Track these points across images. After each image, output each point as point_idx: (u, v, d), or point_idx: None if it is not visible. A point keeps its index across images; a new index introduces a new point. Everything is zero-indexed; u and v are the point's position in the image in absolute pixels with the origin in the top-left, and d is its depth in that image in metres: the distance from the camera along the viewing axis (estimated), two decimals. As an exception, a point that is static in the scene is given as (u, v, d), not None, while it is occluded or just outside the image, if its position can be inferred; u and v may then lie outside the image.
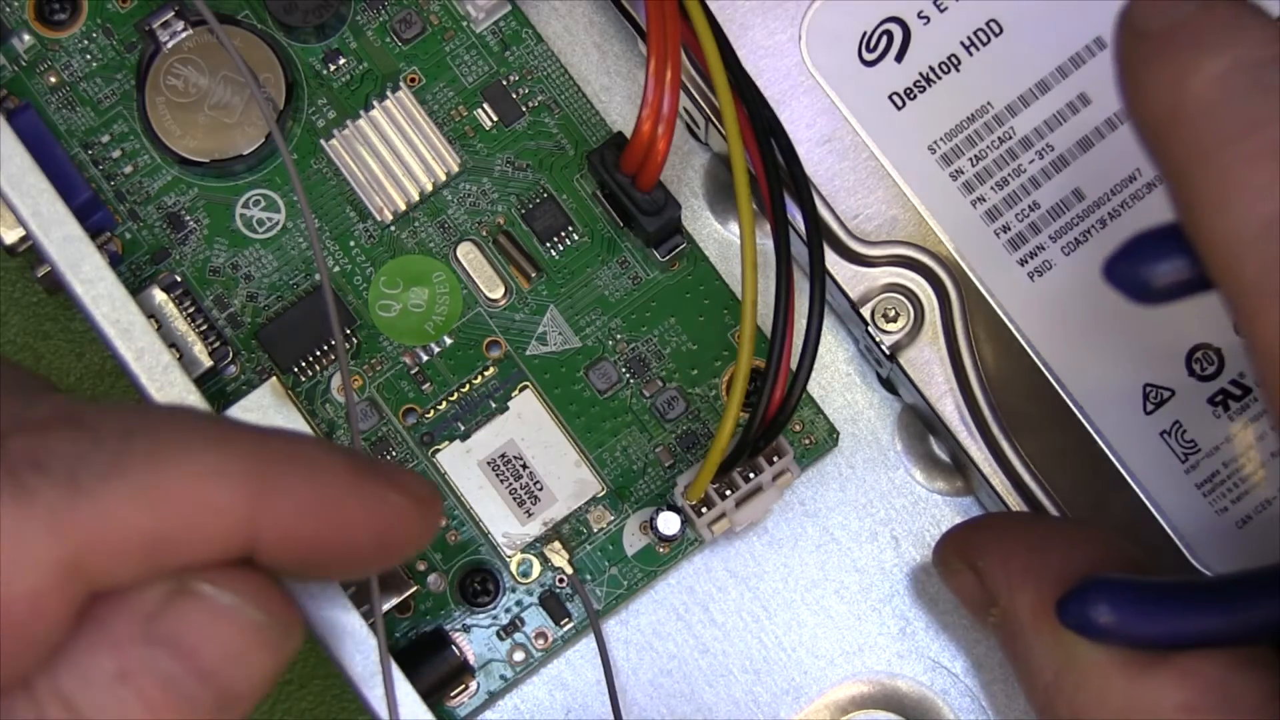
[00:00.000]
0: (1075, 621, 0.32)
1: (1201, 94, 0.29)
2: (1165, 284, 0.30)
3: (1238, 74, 0.28)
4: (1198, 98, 0.29)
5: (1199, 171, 0.29)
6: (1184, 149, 0.29)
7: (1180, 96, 0.29)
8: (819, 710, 0.40)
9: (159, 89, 0.40)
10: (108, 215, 0.40)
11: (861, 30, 0.40)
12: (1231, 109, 0.28)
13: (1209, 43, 0.29)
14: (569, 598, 0.40)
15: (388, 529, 0.30)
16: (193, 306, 0.40)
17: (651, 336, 0.41)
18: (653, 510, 0.40)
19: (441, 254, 0.41)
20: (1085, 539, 0.35)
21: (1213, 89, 0.29)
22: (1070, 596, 0.33)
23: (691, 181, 0.42)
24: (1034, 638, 0.34)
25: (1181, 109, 0.29)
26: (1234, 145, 0.28)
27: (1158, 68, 0.29)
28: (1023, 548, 0.35)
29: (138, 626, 0.28)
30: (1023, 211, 0.39)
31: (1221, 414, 0.38)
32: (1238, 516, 0.38)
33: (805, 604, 0.41)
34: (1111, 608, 0.32)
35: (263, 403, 0.38)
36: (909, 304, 0.39)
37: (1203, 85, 0.29)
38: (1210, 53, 0.29)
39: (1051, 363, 0.38)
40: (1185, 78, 0.29)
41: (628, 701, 0.40)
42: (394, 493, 0.30)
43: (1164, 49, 0.29)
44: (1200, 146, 0.29)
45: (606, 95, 0.43)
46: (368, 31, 0.42)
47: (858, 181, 0.39)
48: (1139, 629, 0.32)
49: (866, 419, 0.41)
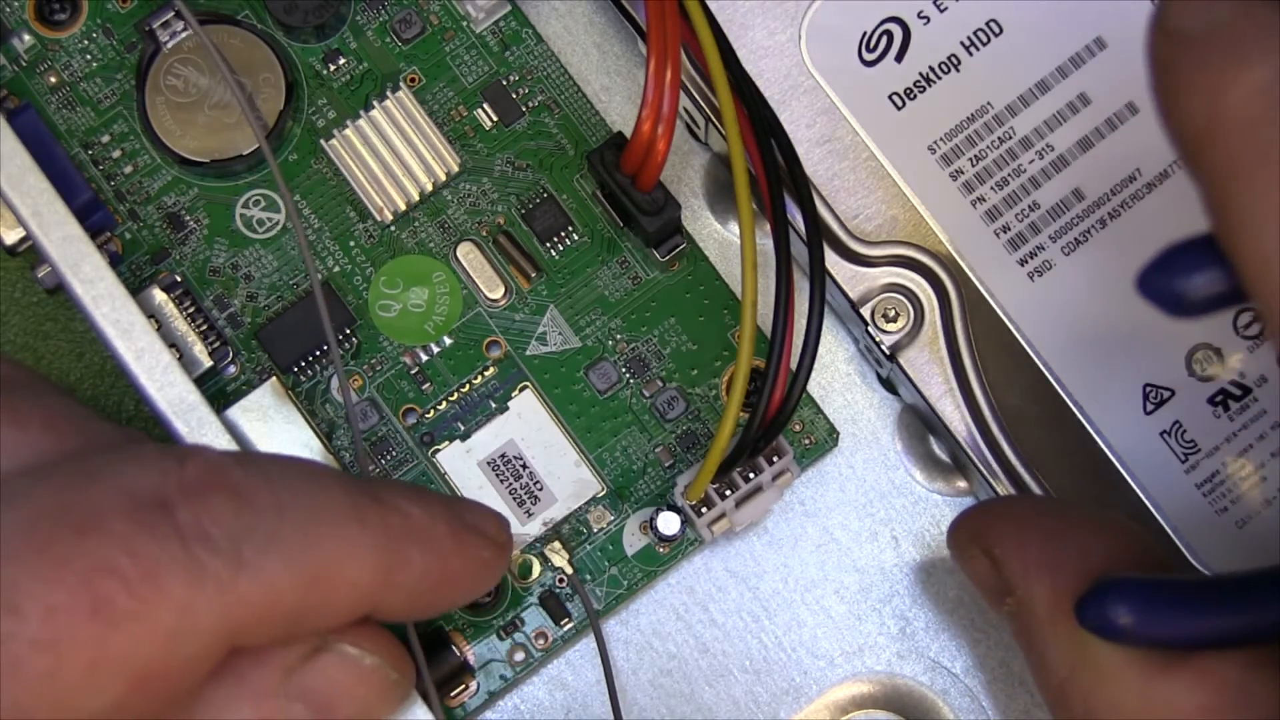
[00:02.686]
0: (1094, 623, 0.32)
1: (1240, 107, 0.27)
2: (1201, 297, 0.29)
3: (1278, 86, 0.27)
4: (1237, 110, 0.27)
5: (1237, 188, 0.27)
6: (1221, 164, 0.28)
7: (1218, 109, 0.28)
8: (819, 710, 0.40)
9: (159, 89, 0.40)
10: (108, 215, 0.40)
11: (861, 30, 0.40)
12: (1272, 124, 0.27)
13: (1249, 51, 0.27)
14: (569, 598, 0.40)
15: (480, 579, 0.34)
16: (193, 306, 0.40)
17: (651, 336, 0.41)
18: (653, 510, 0.40)
19: (441, 254, 0.41)
20: (1103, 529, 0.35)
21: (1252, 102, 0.27)
22: (1089, 597, 0.32)
23: (691, 181, 0.42)
24: (1049, 633, 0.34)
25: (1219, 121, 0.28)
26: (1274, 163, 0.27)
27: (1194, 75, 0.28)
28: (1040, 538, 0.35)
29: (277, 681, 0.31)
30: (1023, 211, 0.39)
31: (1221, 414, 0.38)
32: (1238, 516, 0.38)
33: (805, 604, 0.41)
34: (1130, 609, 0.32)
35: (263, 403, 0.38)
36: (909, 304, 0.39)
37: (1242, 98, 0.27)
38: (1251, 62, 0.27)
39: (1051, 363, 0.38)
40: (1223, 89, 0.27)
41: (628, 701, 0.40)
42: (487, 549, 0.33)
43: (1201, 55, 0.28)
44: (1239, 162, 0.27)
45: (606, 95, 0.43)
46: (368, 31, 0.42)
47: (858, 181, 0.39)
48: (1157, 630, 0.32)
49: (866, 419, 0.41)
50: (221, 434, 0.36)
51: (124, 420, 0.41)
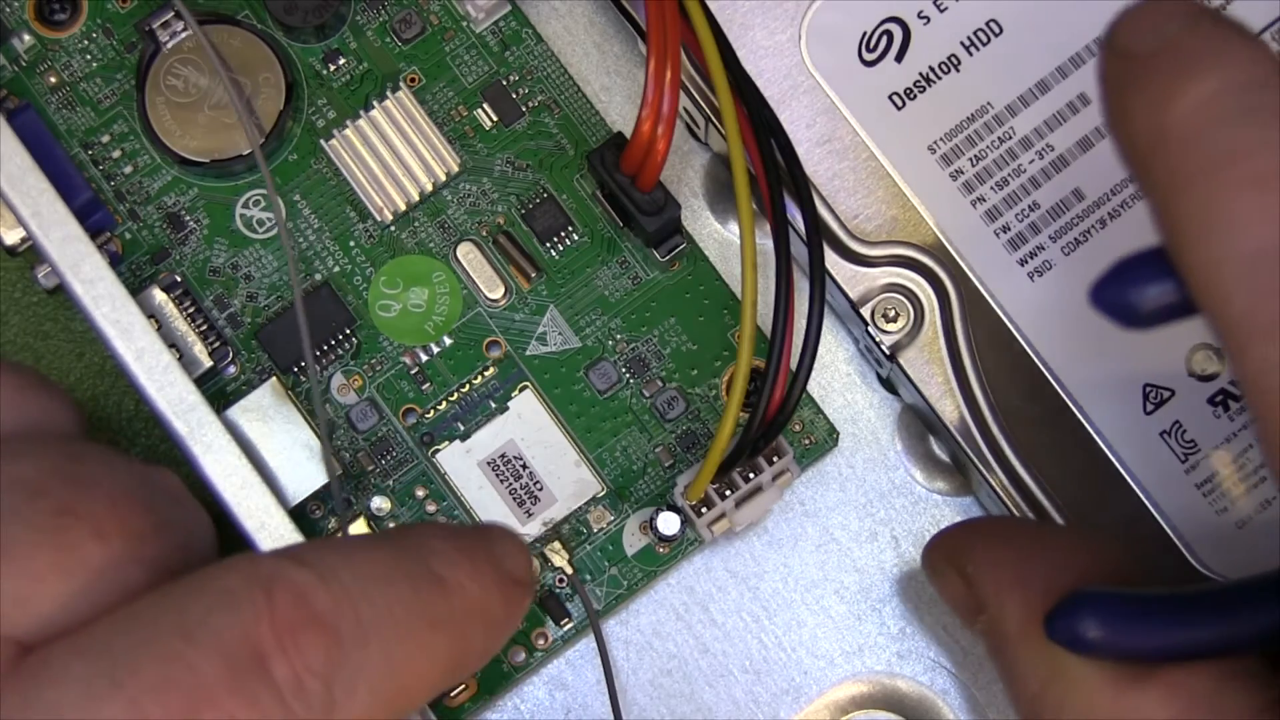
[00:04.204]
0: (1063, 637, 0.32)
1: (1185, 120, 0.28)
2: (1153, 308, 0.29)
3: (1222, 99, 0.27)
4: (1181, 124, 0.28)
5: (1182, 200, 0.28)
6: (1167, 176, 0.28)
7: (1163, 122, 0.28)
8: (819, 710, 0.40)
9: (159, 89, 0.40)
10: (108, 215, 0.40)
11: (861, 30, 0.40)
12: (1215, 136, 0.27)
13: (1193, 66, 0.28)
14: (569, 598, 0.40)
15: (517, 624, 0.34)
16: (193, 306, 0.40)
17: (651, 336, 0.41)
18: (653, 510, 0.40)
19: (441, 254, 0.41)
20: (1073, 547, 0.35)
21: (1196, 115, 0.28)
22: (1057, 611, 0.32)
23: (691, 181, 0.42)
24: (1021, 648, 0.34)
25: (1164, 135, 0.28)
26: (1217, 174, 0.27)
27: (1140, 91, 0.28)
28: (1010, 556, 0.35)
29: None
30: (1023, 211, 0.39)
31: (1221, 414, 0.38)
32: (1237, 517, 0.38)
33: (805, 604, 0.41)
34: (1099, 622, 0.31)
35: (262, 403, 0.38)
36: (909, 304, 0.39)
37: (1186, 111, 0.28)
38: (1194, 77, 0.28)
39: (1051, 363, 0.38)
40: (1168, 103, 0.28)
41: (628, 701, 0.40)
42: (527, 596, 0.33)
43: (1147, 72, 0.28)
44: (1183, 174, 0.28)
45: (606, 95, 0.43)
46: (368, 31, 0.42)
47: (858, 181, 0.39)
48: (1127, 643, 0.32)
49: (866, 419, 0.41)
50: (221, 434, 0.36)
51: (124, 420, 0.41)
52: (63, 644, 0.29)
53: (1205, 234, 0.27)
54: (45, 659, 0.29)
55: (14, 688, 0.28)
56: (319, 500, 0.39)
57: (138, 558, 0.31)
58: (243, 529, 0.36)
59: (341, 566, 0.30)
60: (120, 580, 0.31)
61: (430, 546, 0.32)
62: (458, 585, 0.32)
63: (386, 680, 0.30)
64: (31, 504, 0.31)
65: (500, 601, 0.32)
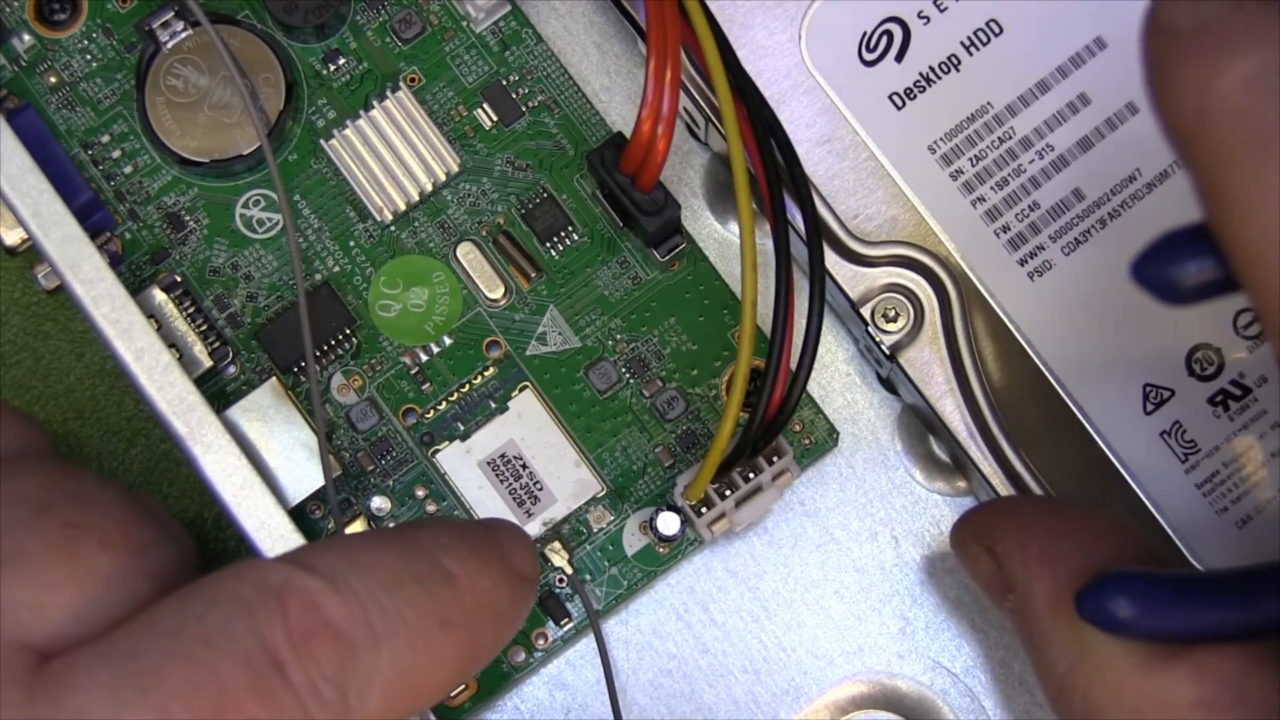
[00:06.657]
0: (1094, 615, 0.32)
1: (1229, 96, 0.28)
2: (1194, 284, 0.29)
3: (1266, 76, 0.28)
4: (1225, 100, 0.28)
5: (1226, 175, 0.28)
6: (1211, 152, 0.28)
7: (1207, 99, 0.28)
8: (819, 710, 0.40)
9: (159, 89, 0.40)
10: (108, 215, 0.40)
11: (861, 30, 0.40)
12: (1259, 112, 0.28)
13: (1237, 44, 0.28)
14: (569, 598, 0.40)
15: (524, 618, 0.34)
16: (193, 306, 0.40)
17: (651, 336, 0.41)
18: (653, 510, 0.40)
19: (441, 254, 0.41)
20: (1103, 528, 0.35)
21: (1240, 91, 0.28)
22: (1089, 590, 0.32)
23: (691, 181, 0.42)
24: (1050, 628, 0.34)
25: (1208, 111, 0.28)
26: (1261, 150, 0.28)
27: (1184, 69, 0.29)
28: (1041, 534, 0.35)
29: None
30: (1023, 211, 0.39)
31: (1221, 414, 0.38)
32: (1237, 516, 0.38)
33: (805, 604, 0.41)
34: (1130, 601, 0.32)
35: (262, 403, 0.38)
36: (909, 304, 0.39)
37: (1230, 87, 0.28)
38: (1238, 54, 0.28)
39: (1051, 363, 0.38)
40: (1212, 80, 0.28)
41: (628, 701, 0.40)
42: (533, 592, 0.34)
43: (1191, 50, 0.28)
44: (1227, 150, 0.28)
45: (606, 95, 0.43)
46: (368, 31, 0.42)
47: (858, 181, 0.39)
48: (1157, 623, 0.32)
49: (866, 419, 0.41)
50: (221, 434, 0.36)
51: (124, 420, 0.41)
52: (87, 650, 0.29)
53: (1248, 209, 0.28)
54: (71, 665, 0.29)
55: (43, 694, 0.29)
56: (319, 500, 0.39)
57: (142, 568, 0.31)
58: (243, 529, 0.36)
59: (352, 572, 0.30)
60: (128, 590, 0.31)
61: (441, 543, 0.32)
62: (469, 582, 0.32)
63: (399, 682, 0.30)
64: (39, 517, 0.31)
65: (509, 597, 0.32)
